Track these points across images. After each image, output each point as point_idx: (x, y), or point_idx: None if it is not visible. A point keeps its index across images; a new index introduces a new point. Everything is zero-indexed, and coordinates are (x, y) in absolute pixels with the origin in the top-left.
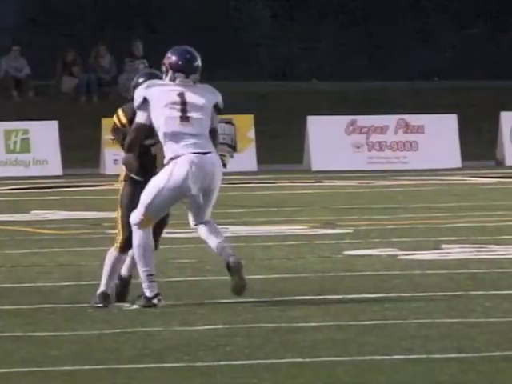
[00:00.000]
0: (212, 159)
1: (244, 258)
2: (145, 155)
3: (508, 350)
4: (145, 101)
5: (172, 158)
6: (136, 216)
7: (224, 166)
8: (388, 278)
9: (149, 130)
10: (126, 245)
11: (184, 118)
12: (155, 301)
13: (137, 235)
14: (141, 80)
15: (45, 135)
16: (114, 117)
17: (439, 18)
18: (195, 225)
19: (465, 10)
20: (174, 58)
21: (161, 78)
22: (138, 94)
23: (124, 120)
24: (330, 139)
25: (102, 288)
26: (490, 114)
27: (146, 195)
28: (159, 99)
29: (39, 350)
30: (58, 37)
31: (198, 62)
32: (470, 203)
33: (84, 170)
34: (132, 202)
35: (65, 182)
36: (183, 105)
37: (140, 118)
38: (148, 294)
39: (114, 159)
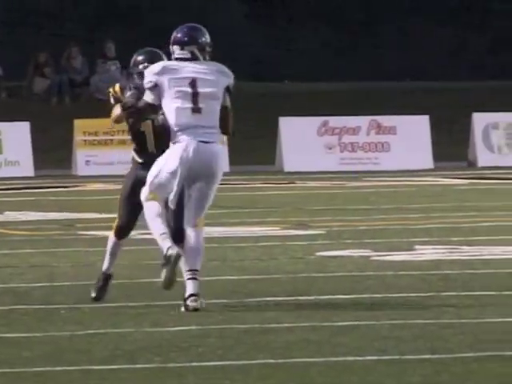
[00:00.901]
0: (211, 149)
1: (216, 259)
2: (140, 135)
3: (481, 351)
4: (156, 86)
5: (174, 143)
6: (142, 194)
7: None
8: (361, 279)
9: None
10: (120, 232)
11: (196, 110)
12: (169, 252)
13: (146, 208)
14: (140, 58)
15: (17, 136)
16: (111, 89)
17: (412, 19)
18: (188, 225)
19: (437, 11)
20: (174, 33)
21: (161, 57)
22: (149, 78)
23: (117, 88)
24: (302, 140)
25: (103, 268)
26: (462, 115)
27: (149, 175)
28: (170, 88)
29: (11, 351)
30: (30, 38)
31: (197, 35)
32: (442, 204)
33: (56, 171)
34: (133, 191)
35: (37, 183)
36: (195, 96)
37: (148, 97)
38: (164, 251)
39: (85, 160)
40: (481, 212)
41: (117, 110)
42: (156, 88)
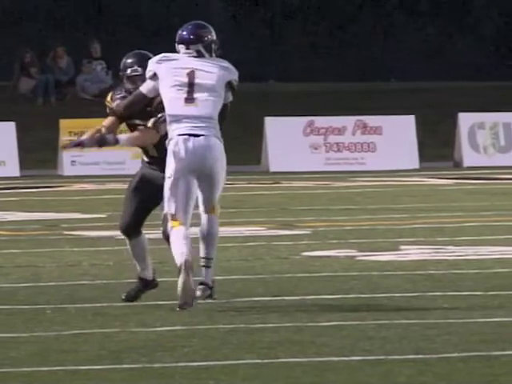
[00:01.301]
0: (203, 142)
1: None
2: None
3: (465, 351)
4: (155, 75)
5: (169, 141)
6: (167, 226)
7: None
8: (346, 279)
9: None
10: (126, 229)
11: (189, 100)
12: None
13: (171, 235)
14: (129, 61)
15: (2, 136)
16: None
17: (397, 18)
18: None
19: (422, 10)
20: (179, 32)
21: (149, 57)
22: (150, 68)
23: (108, 98)
24: (287, 140)
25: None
26: (448, 115)
27: (165, 198)
28: (166, 78)
29: None
30: (16, 38)
31: (202, 33)
32: (427, 204)
33: (42, 171)
34: (139, 187)
35: (22, 183)
36: (190, 86)
37: (144, 87)
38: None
39: (71, 160)
40: (466, 212)
41: (106, 120)
42: (155, 77)
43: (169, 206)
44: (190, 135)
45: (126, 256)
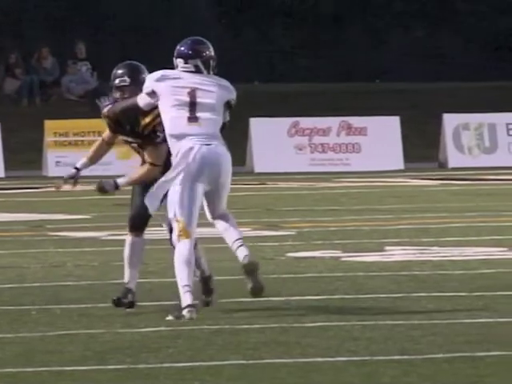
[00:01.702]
0: (216, 149)
1: None
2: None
3: (450, 352)
4: (153, 92)
5: (176, 155)
6: (173, 232)
7: None
8: (331, 280)
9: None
10: (133, 223)
11: (192, 119)
12: (184, 312)
13: (176, 251)
14: (119, 72)
15: None
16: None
17: (382, 19)
18: (212, 219)
19: (407, 11)
20: (177, 46)
21: (142, 70)
22: (147, 85)
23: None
24: (272, 141)
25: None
26: (433, 115)
27: (167, 204)
28: (167, 97)
29: None
30: (0, 38)
31: (201, 49)
32: (412, 205)
33: (26, 172)
34: (146, 186)
35: (7, 183)
36: (192, 105)
37: (141, 100)
38: (182, 304)
39: (56, 161)
40: (451, 213)
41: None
42: (153, 94)
43: (177, 212)
44: (202, 144)
45: (111, 256)
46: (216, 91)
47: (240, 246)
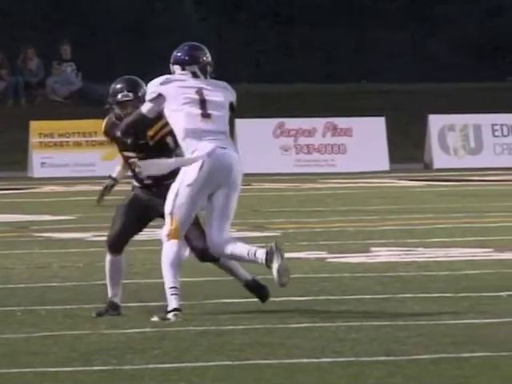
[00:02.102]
0: (230, 154)
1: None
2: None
3: (436, 353)
4: (159, 96)
5: (192, 152)
6: (164, 227)
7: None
8: (316, 281)
9: (145, 126)
10: (112, 243)
11: (205, 115)
12: (169, 315)
13: (164, 250)
14: (118, 86)
15: None
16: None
17: (367, 20)
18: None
19: (391, 12)
20: (174, 52)
21: (140, 84)
22: (152, 90)
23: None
24: (258, 142)
25: (110, 296)
26: (418, 116)
27: (168, 198)
28: (177, 96)
29: None
30: None
31: (198, 55)
32: (398, 206)
33: (11, 172)
34: (132, 204)
35: None
36: (203, 103)
37: (145, 108)
38: (168, 307)
39: (41, 162)
40: (437, 214)
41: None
42: (159, 98)
43: (176, 211)
44: (218, 147)
45: (95, 257)
46: (221, 91)
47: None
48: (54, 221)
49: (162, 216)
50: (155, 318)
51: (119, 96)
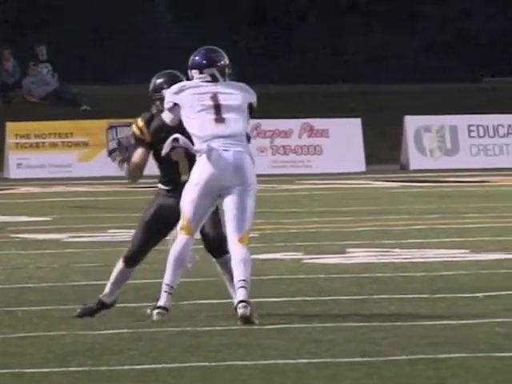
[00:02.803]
0: (239, 155)
1: (151, 262)
2: (167, 163)
3: (413, 354)
4: (175, 106)
5: (199, 156)
6: (180, 221)
7: None
8: (292, 282)
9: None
10: (131, 259)
11: (219, 120)
12: (154, 312)
13: (176, 241)
14: (159, 81)
15: None
16: (133, 126)
17: (345, 21)
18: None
19: (369, 14)
20: (191, 57)
21: (180, 77)
22: (168, 99)
23: (141, 123)
24: None
25: (103, 293)
26: (394, 117)
27: (182, 198)
28: (192, 105)
29: None
30: None
31: (216, 57)
32: (374, 207)
33: None
34: (155, 218)
35: None
36: (217, 108)
37: (166, 116)
38: (158, 301)
39: (17, 163)
40: (413, 215)
41: (135, 155)
42: (175, 107)
43: (185, 208)
44: (228, 149)
45: (72, 258)
46: (238, 93)
47: (241, 287)
48: (30, 222)
49: None
50: (148, 311)
51: (162, 92)
